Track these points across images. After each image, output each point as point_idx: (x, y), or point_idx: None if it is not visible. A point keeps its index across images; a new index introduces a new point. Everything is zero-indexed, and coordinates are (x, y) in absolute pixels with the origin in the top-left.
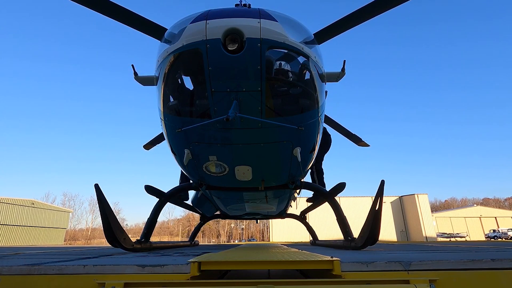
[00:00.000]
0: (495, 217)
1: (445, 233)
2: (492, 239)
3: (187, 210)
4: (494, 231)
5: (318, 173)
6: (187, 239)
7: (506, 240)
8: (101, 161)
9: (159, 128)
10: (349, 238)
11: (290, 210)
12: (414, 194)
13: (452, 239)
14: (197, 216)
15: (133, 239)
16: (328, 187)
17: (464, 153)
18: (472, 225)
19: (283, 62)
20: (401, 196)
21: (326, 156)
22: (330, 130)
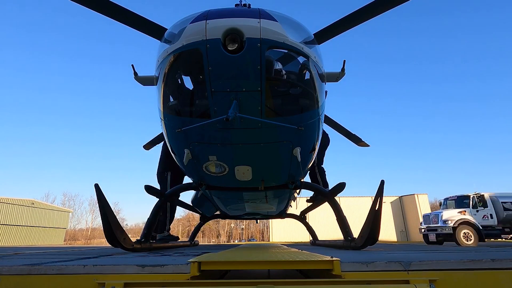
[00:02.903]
0: None
1: None
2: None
3: (187, 210)
4: None
5: (320, 173)
6: (187, 239)
7: (506, 240)
8: (101, 161)
9: (159, 128)
10: (349, 238)
11: (290, 210)
12: (414, 194)
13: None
14: (197, 216)
15: (133, 239)
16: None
17: (463, 153)
18: None
19: (283, 62)
20: (401, 196)
21: (326, 156)
22: (330, 130)
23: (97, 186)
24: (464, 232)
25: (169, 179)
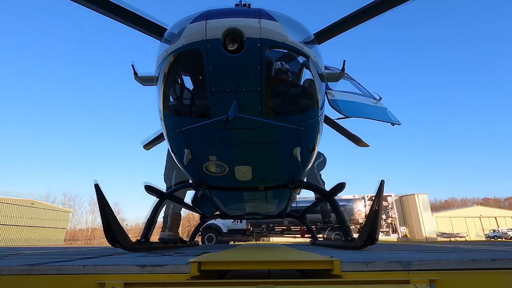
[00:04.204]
0: (495, 217)
1: (445, 233)
2: (492, 239)
3: (187, 211)
4: (494, 231)
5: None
6: (187, 239)
7: (506, 240)
8: (101, 161)
9: (159, 127)
10: (349, 238)
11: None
12: (414, 194)
13: (452, 239)
14: (197, 216)
15: (133, 239)
16: (328, 187)
17: (464, 153)
18: (472, 225)
19: (283, 62)
20: (401, 196)
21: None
22: (330, 130)
23: (97, 186)
24: (208, 235)
25: (174, 178)
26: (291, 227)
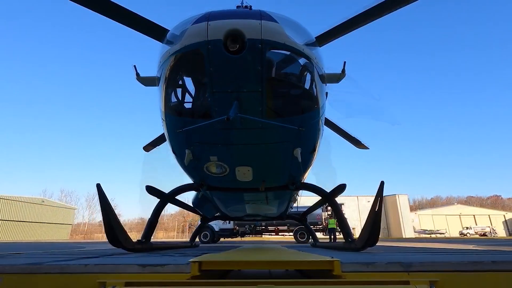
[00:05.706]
0: (473, 215)
1: (426, 230)
2: (465, 236)
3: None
4: (467, 228)
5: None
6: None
7: (481, 236)
8: (100, 161)
9: (160, 128)
10: (349, 239)
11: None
12: (395, 194)
13: (432, 236)
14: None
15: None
16: (328, 189)
17: (457, 153)
18: (453, 223)
19: (283, 63)
20: (384, 196)
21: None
22: (330, 131)
23: (99, 186)
24: (203, 233)
25: None
26: (268, 227)
